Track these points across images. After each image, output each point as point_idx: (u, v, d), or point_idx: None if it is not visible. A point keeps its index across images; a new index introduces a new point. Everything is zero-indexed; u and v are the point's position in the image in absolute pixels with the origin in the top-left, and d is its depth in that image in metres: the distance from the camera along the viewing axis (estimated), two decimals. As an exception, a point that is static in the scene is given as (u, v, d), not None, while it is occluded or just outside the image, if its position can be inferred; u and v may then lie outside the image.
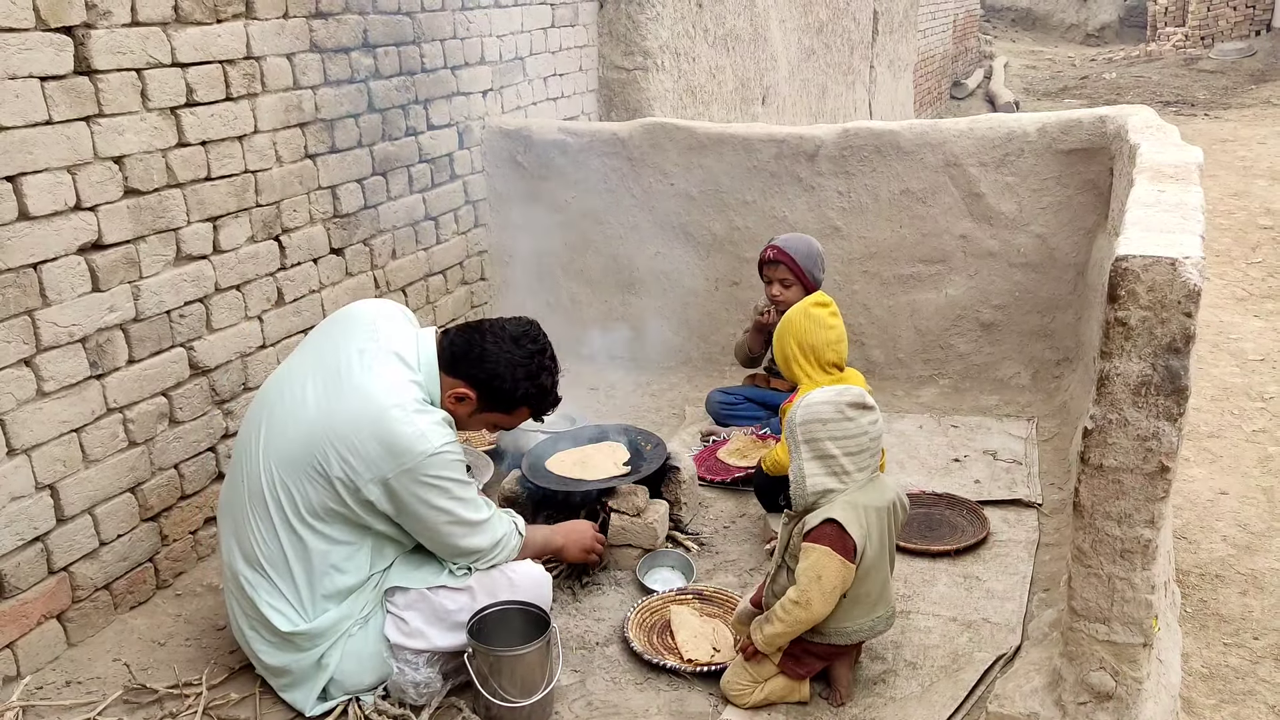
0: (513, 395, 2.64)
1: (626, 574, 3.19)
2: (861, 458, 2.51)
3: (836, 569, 2.42)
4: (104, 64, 2.79)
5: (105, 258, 2.85)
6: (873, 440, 2.52)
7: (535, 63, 5.02)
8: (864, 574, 2.49)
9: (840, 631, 2.52)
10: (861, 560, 2.46)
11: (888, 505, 2.55)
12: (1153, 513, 2.14)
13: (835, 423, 2.49)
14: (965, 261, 4.30)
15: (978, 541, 3.27)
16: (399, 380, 2.52)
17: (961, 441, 3.98)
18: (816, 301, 3.35)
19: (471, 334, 2.64)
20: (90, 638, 2.90)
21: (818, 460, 2.50)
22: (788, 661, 2.54)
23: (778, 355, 3.39)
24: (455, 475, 2.53)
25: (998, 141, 4.16)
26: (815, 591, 2.42)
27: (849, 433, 2.49)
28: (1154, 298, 2.04)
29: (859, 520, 2.46)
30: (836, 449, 2.49)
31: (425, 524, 2.54)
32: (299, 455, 2.48)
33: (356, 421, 2.44)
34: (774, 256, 3.75)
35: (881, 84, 11.16)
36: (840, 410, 2.49)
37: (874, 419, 2.52)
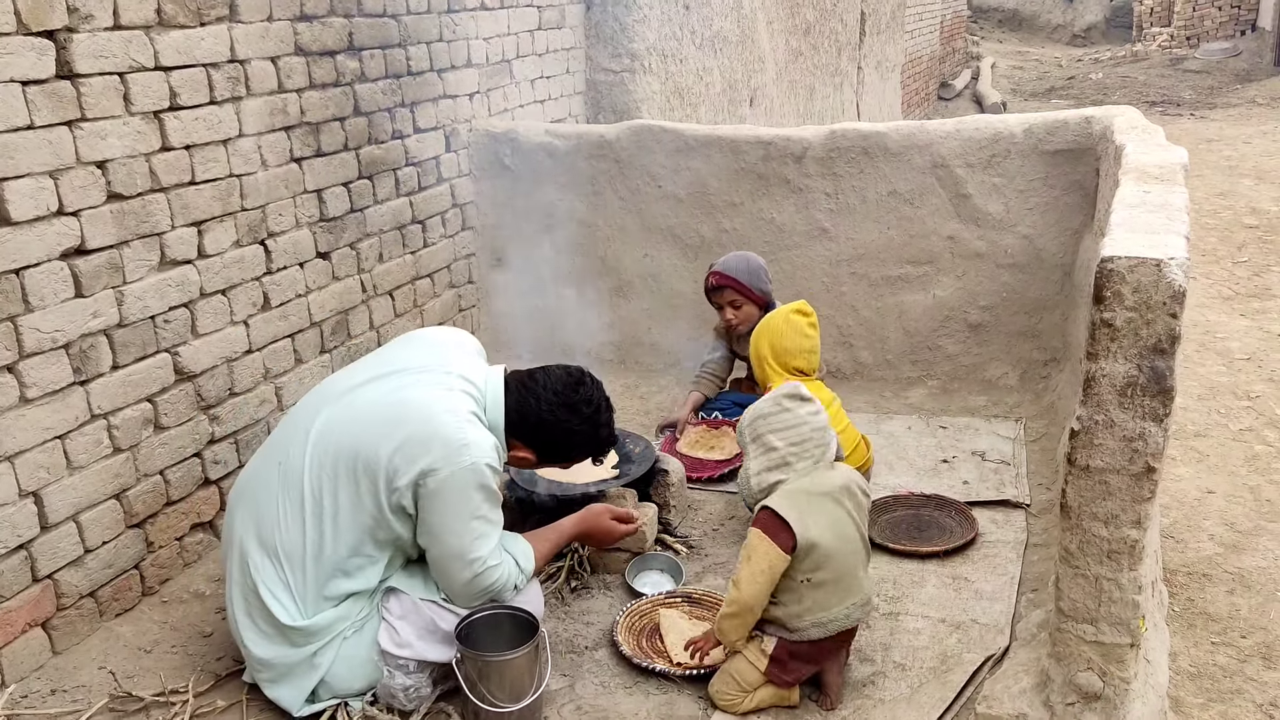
0: (570, 454, 2.75)
1: (615, 577, 3.18)
2: (804, 447, 2.58)
3: (765, 551, 2.47)
4: (86, 68, 2.77)
5: (88, 263, 2.83)
6: (815, 430, 2.59)
7: (522, 65, 5.02)
8: (822, 560, 2.50)
9: (818, 623, 2.52)
10: (813, 547, 2.48)
11: (837, 489, 2.58)
12: (1139, 513, 2.14)
13: (774, 415, 2.60)
14: (953, 262, 4.31)
15: (966, 542, 3.28)
16: (460, 402, 2.55)
17: (950, 442, 3.99)
18: (798, 309, 3.40)
19: (526, 396, 2.65)
20: (75, 645, 2.88)
21: (763, 455, 2.60)
22: (774, 669, 2.54)
23: (752, 354, 3.48)
24: (487, 498, 2.53)
25: (984, 143, 4.17)
26: (744, 572, 2.48)
27: (788, 423, 2.58)
28: (1139, 299, 2.04)
29: (796, 506, 2.50)
30: (779, 441, 2.58)
31: (439, 536, 2.52)
32: (348, 452, 2.49)
33: (409, 419, 2.48)
34: (716, 283, 3.81)
35: (869, 85, 11.18)
36: (778, 403, 2.61)
37: (814, 410, 2.61)
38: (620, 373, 4.73)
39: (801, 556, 2.49)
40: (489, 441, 2.53)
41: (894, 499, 3.53)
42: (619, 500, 3.21)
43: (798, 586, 2.51)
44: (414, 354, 2.69)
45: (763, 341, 3.38)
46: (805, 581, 2.51)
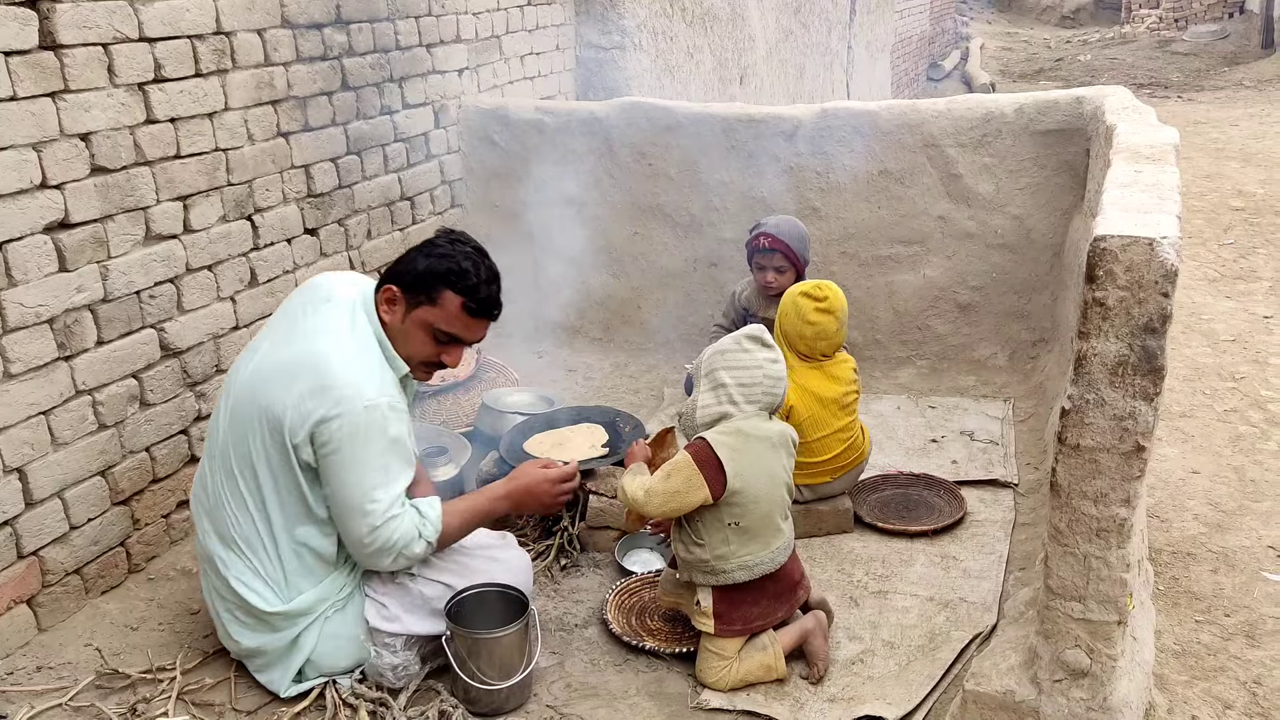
0: (430, 277, 2.46)
1: (605, 556, 3.18)
2: (752, 390, 2.57)
3: (686, 477, 2.49)
4: (69, 38, 2.73)
5: (72, 237, 2.80)
6: (767, 377, 2.58)
7: (512, 41, 4.97)
8: (747, 504, 2.53)
9: (744, 566, 2.56)
10: (742, 491, 2.50)
11: (775, 435, 2.60)
12: (1128, 492, 2.14)
13: (732, 353, 2.59)
14: (943, 242, 4.30)
15: (955, 522, 3.29)
16: (343, 326, 2.45)
17: (939, 422, 3.99)
18: (806, 290, 3.25)
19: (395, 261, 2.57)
20: (61, 623, 2.87)
21: (711, 391, 2.59)
22: (720, 624, 2.57)
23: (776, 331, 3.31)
24: (386, 445, 2.39)
25: (975, 122, 4.16)
26: (659, 485, 2.52)
27: (742, 363, 2.57)
28: (1131, 278, 2.03)
29: (731, 445, 2.51)
30: (729, 378, 2.57)
31: (335, 489, 2.40)
32: (257, 420, 2.42)
33: (301, 369, 2.38)
34: (770, 245, 3.71)
35: (859, 65, 11.14)
36: (738, 342, 2.60)
37: (772, 357, 2.60)
38: (609, 351, 4.72)
39: (731, 501, 2.52)
40: (385, 379, 2.43)
41: (883, 478, 3.54)
42: (608, 479, 3.20)
43: (723, 528, 2.53)
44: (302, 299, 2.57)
45: (783, 321, 3.29)
46: (732, 525, 2.54)
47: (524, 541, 3.22)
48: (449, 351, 2.55)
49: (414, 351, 2.52)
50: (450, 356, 2.55)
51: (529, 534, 3.25)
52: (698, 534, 2.56)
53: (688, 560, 2.60)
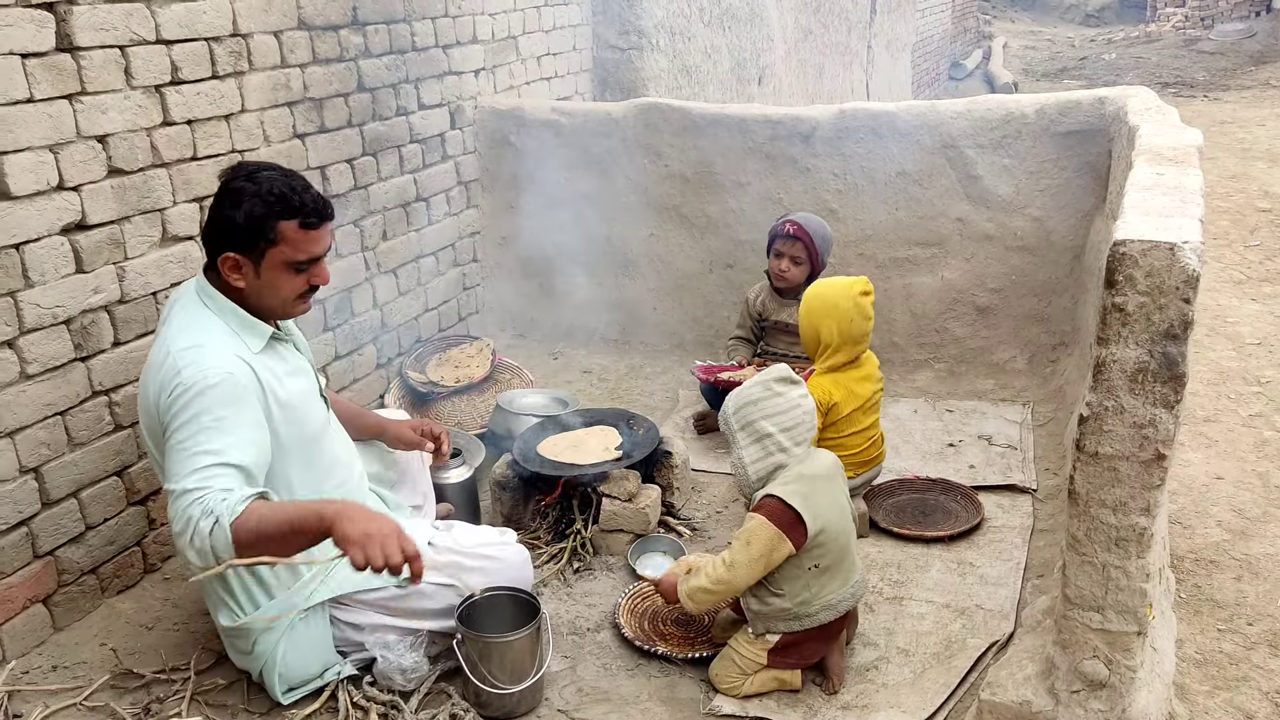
0: (258, 221, 2.34)
1: (618, 559, 3.16)
2: (797, 431, 2.52)
3: (768, 538, 2.44)
4: (86, 40, 2.74)
5: (89, 238, 2.81)
6: (806, 414, 2.54)
7: (528, 42, 4.97)
8: (827, 543, 2.49)
9: (827, 606, 2.52)
10: (822, 533, 2.47)
11: (831, 469, 2.58)
12: (1148, 500, 2.11)
13: (766, 400, 2.51)
14: (961, 244, 4.27)
15: (972, 527, 3.25)
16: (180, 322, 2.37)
17: (956, 426, 3.96)
18: (863, 290, 3.20)
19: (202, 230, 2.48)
20: (77, 622, 2.88)
21: (756, 444, 2.52)
22: (776, 656, 2.53)
23: (809, 332, 3.22)
24: (195, 415, 2.20)
25: (995, 123, 4.12)
26: (742, 556, 2.45)
27: (781, 408, 2.51)
28: (1152, 283, 2.00)
29: (801, 492, 2.47)
30: (772, 426, 2.51)
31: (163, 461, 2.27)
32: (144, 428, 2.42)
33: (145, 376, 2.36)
34: (794, 232, 3.71)
35: (879, 64, 11.08)
36: (768, 388, 2.52)
37: (803, 393, 2.55)
38: (625, 353, 4.71)
39: (811, 546, 2.47)
40: (227, 351, 2.32)
41: (899, 483, 3.51)
42: (622, 481, 3.19)
43: (804, 574, 2.49)
44: None
45: (828, 324, 3.15)
46: (813, 569, 2.49)
47: (536, 544, 3.21)
48: (314, 274, 2.46)
49: (285, 294, 2.44)
50: (318, 276, 2.47)
51: (542, 537, 3.24)
52: (776, 585, 2.50)
53: (764, 612, 2.53)
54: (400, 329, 4.20)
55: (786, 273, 3.73)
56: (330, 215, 2.46)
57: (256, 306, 2.46)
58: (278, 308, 2.49)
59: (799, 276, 3.73)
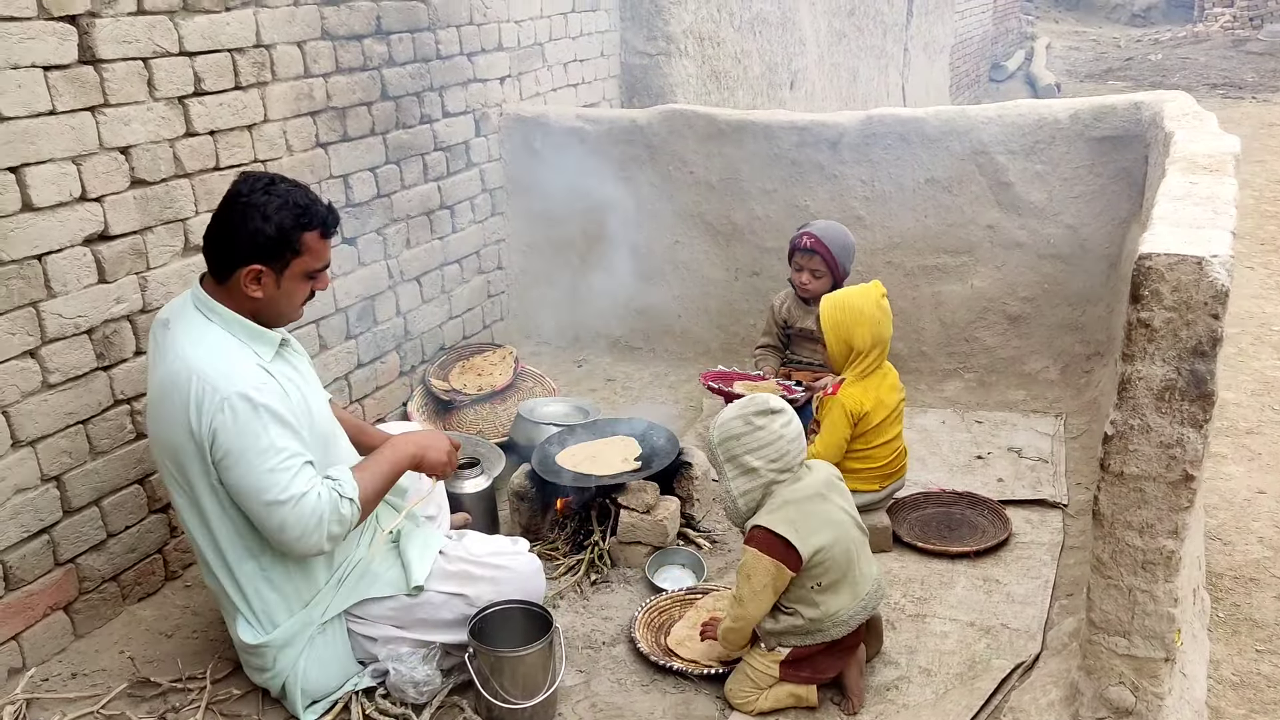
0: (286, 233, 2.38)
1: (636, 571, 3.13)
2: (784, 462, 2.51)
3: (765, 569, 2.44)
4: (109, 53, 2.75)
5: (112, 249, 2.82)
6: (790, 443, 2.51)
7: (555, 49, 4.95)
8: (826, 561, 2.46)
9: (839, 622, 2.48)
10: (817, 553, 2.43)
11: (821, 485, 2.54)
12: (1176, 523, 2.05)
13: (748, 434, 2.50)
14: (992, 252, 4.19)
15: (999, 543, 3.19)
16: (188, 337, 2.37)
17: (985, 438, 3.89)
18: (883, 294, 3.21)
19: (207, 241, 2.44)
20: (98, 629, 2.89)
21: (743, 476, 2.52)
22: (788, 670, 2.49)
23: (839, 345, 3.18)
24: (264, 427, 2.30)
25: (1027, 128, 4.05)
26: (745, 590, 2.47)
27: (763, 441, 2.50)
28: (1179, 298, 1.94)
29: (790, 520, 2.45)
30: (757, 460, 2.50)
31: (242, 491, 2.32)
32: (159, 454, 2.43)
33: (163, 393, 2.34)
34: (811, 245, 3.65)
35: (916, 67, 10.97)
36: (748, 421, 2.51)
37: (784, 421, 2.52)
38: (649, 361, 4.67)
39: (809, 567, 2.45)
40: (244, 362, 2.36)
41: (925, 496, 3.45)
42: (639, 493, 3.15)
43: (808, 594, 2.46)
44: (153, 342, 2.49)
45: (860, 331, 3.13)
46: (815, 587, 2.47)
47: (554, 555, 3.19)
48: (319, 280, 2.52)
49: (295, 303, 2.50)
50: (321, 283, 2.53)
51: (560, 548, 3.22)
52: (786, 605, 2.49)
53: (777, 630, 2.51)
54: (424, 336, 4.20)
55: (808, 285, 3.68)
56: (339, 222, 2.55)
57: (264, 316, 2.47)
58: (287, 315, 2.52)
59: (821, 289, 3.68)
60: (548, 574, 3.14)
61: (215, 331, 2.40)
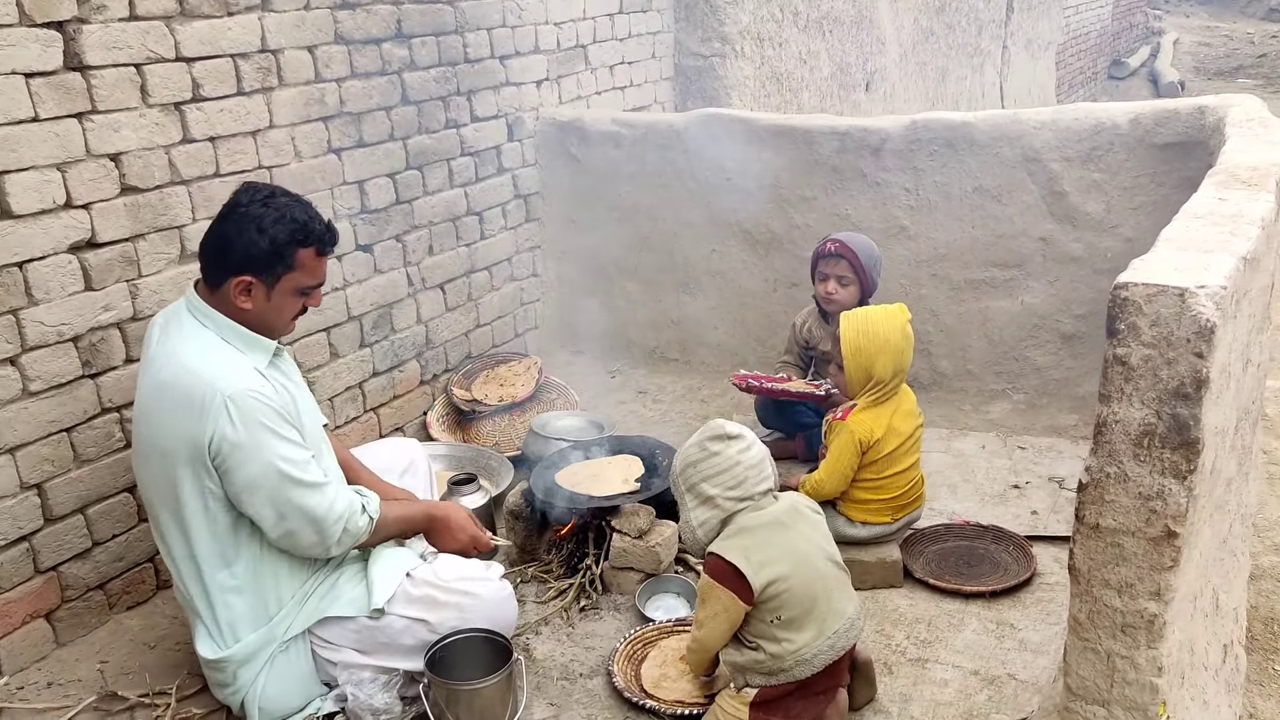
0: (281, 248, 2.38)
1: (628, 599, 3.00)
2: (742, 489, 2.36)
3: (717, 596, 2.30)
4: (97, 59, 2.74)
5: (99, 256, 2.82)
6: (749, 469, 2.36)
7: (599, 51, 4.84)
8: (784, 594, 2.28)
9: (802, 661, 2.29)
10: (771, 584, 2.27)
11: (783, 514, 2.38)
12: (1159, 584, 1.82)
13: (703, 461, 2.38)
14: (1045, 266, 3.92)
15: (1020, 583, 2.96)
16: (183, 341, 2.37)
17: (1026, 466, 3.63)
18: (908, 319, 3.00)
19: (202, 247, 2.44)
20: (82, 637, 2.89)
21: (701, 505, 2.39)
22: (758, 712, 2.32)
23: (859, 372, 2.98)
24: (271, 425, 2.32)
25: (1084, 134, 3.77)
26: (701, 614, 2.36)
27: (719, 467, 2.36)
28: (1158, 334, 1.72)
29: (742, 548, 2.30)
30: (712, 489, 2.36)
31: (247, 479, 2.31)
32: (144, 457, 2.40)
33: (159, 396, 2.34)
34: (836, 250, 3.47)
35: (1016, 65, 10.51)
36: (703, 447, 2.38)
37: (742, 446, 2.38)
38: (683, 373, 4.53)
39: (764, 599, 2.28)
40: (242, 368, 2.34)
41: (946, 528, 3.23)
42: (633, 517, 3.02)
43: (768, 628, 2.29)
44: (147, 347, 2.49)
45: (883, 361, 2.92)
46: (774, 621, 2.29)
47: (547, 577, 3.08)
48: (312, 297, 2.53)
49: (285, 318, 2.50)
50: (314, 300, 2.54)
51: (553, 570, 3.11)
52: (748, 637, 2.34)
53: (741, 664, 2.36)
54: (448, 345, 4.14)
55: (834, 295, 3.48)
56: (337, 240, 2.54)
57: (252, 327, 2.45)
58: (276, 329, 2.51)
59: (848, 299, 3.48)
60: (539, 597, 3.05)
61: (209, 338, 2.40)
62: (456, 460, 3.67)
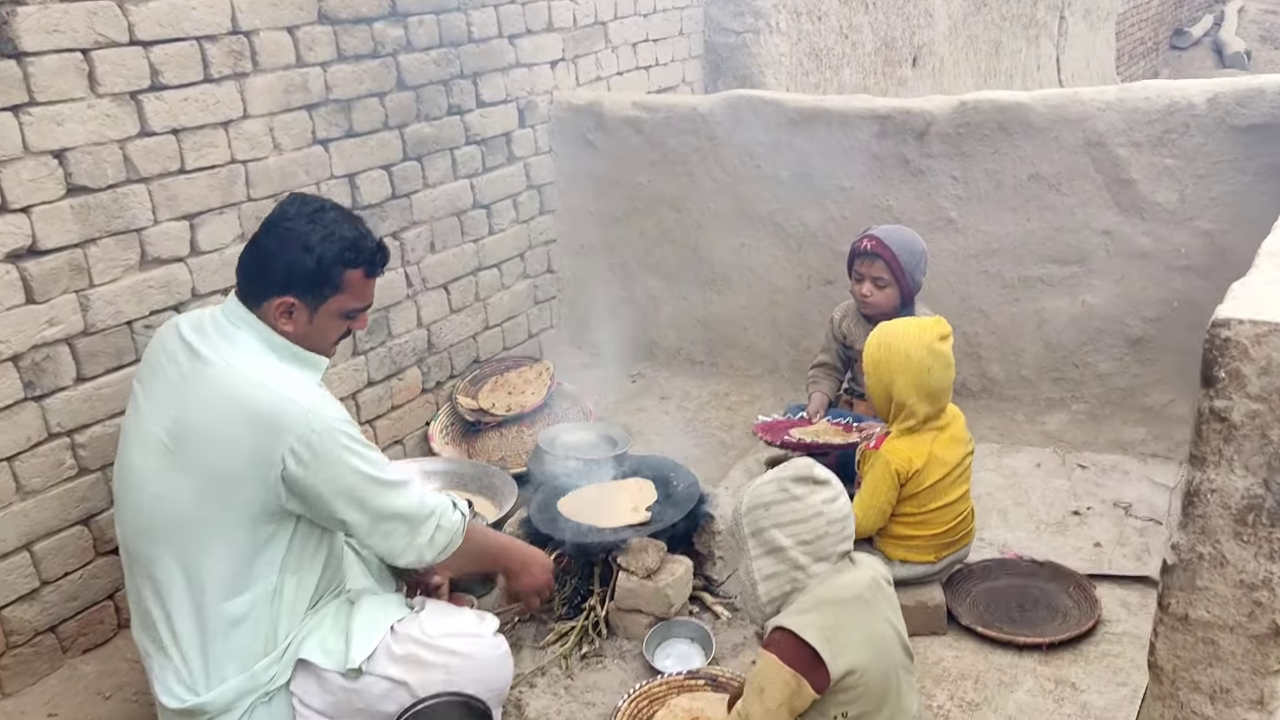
0: (328, 268, 2.18)
1: (635, 645, 2.68)
2: (820, 545, 1.96)
3: (784, 682, 1.88)
4: (34, 44, 2.45)
5: (41, 265, 2.53)
6: (831, 523, 1.96)
7: (621, 28, 4.48)
8: (859, 685, 1.90)
9: None
10: (850, 674, 1.89)
11: (865, 588, 1.99)
12: (1262, 690, 1.46)
13: (780, 504, 1.97)
14: (1109, 262, 3.51)
15: (1081, 633, 2.59)
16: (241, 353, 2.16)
17: (1087, 488, 3.24)
18: (941, 335, 2.61)
19: (241, 262, 2.24)
20: (30, 686, 2.62)
21: (768, 556, 1.98)
22: None
23: (878, 389, 2.67)
24: (348, 431, 2.14)
25: (1155, 116, 3.35)
26: (757, 708, 1.91)
27: (798, 514, 1.96)
28: (1269, 384, 1.35)
29: (820, 624, 1.90)
30: (786, 538, 1.96)
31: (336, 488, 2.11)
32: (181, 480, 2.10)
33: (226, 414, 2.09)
34: (872, 248, 3.10)
35: (1075, 37, 9.95)
36: (784, 489, 1.97)
37: (829, 495, 1.98)
38: (710, 377, 4.18)
39: (836, 689, 1.91)
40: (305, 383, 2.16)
41: (997, 563, 2.86)
42: (640, 553, 2.69)
43: None
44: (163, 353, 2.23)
45: (901, 380, 2.59)
46: (840, 717, 1.93)
47: (545, 618, 2.77)
48: (358, 320, 2.33)
49: (329, 340, 2.29)
50: (359, 323, 2.34)
51: (555, 608, 2.79)
52: None
53: None
54: (452, 349, 3.82)
55: (870, 298, 3.12)
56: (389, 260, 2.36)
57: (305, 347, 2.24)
58: (318, 352, 2.27)
59: (886, 302, 3.11)
60: (537, 640, 2.74)
61: (263, 351, 2.18)
62: (458, 477, 3.36)
